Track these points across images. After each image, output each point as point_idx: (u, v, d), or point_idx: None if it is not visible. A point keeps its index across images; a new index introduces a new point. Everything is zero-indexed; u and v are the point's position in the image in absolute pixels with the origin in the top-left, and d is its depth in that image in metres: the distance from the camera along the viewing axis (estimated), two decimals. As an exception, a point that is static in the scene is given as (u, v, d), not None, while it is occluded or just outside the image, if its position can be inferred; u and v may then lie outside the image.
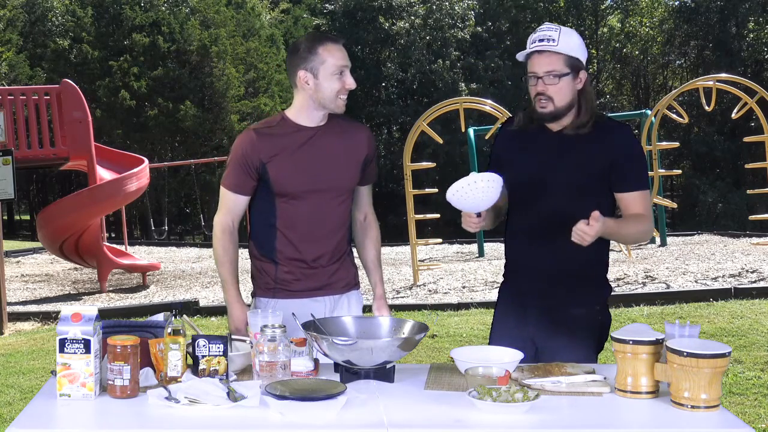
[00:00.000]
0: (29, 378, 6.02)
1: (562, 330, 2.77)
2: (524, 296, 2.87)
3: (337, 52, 2.85)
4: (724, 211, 25.14)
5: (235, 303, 2.97)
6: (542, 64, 2.72)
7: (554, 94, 2.72)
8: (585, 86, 2.78)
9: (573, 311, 2.80)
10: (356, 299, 3.10)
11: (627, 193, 2.78)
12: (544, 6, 31.79)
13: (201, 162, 20.57)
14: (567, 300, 2.80)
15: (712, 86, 10.06)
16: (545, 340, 2.77)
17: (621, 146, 2.78)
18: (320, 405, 2.17)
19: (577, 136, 2.77)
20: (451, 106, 10.64)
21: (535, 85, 2.75)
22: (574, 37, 2.76)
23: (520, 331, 2.84)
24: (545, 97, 2.73)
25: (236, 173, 2.92)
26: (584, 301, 2.83)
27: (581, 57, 2.77)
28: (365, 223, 3.15)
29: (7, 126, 10.64)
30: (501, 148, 2.95)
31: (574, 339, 2.76)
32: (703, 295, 8.08)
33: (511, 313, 2.90)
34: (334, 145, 2.94)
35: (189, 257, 14.98)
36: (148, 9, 26.80)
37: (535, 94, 2.76)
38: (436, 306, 8.18)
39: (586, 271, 2.83)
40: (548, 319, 2.80)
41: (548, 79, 2.72)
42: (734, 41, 28.83)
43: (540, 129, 2.83)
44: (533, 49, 2.74)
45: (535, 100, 2.76)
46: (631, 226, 2.78)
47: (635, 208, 2.78)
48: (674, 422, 2.11)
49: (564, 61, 2.72)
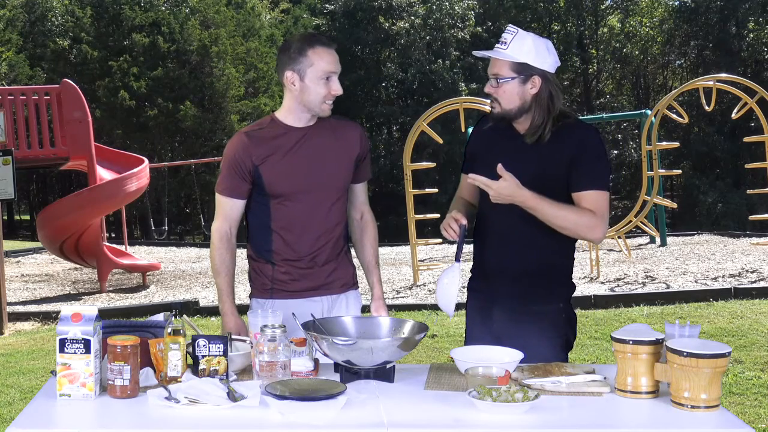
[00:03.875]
0: (29, 378, 6.02)
1: (526, 327, 2.79)
2: (489, 294, 2.92)
3: (326, 56, 2.83)
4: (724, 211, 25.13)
5: (229, 315, 2.96)
6: (491, 67, 2.80)
7: (499, 96, 2.78)
8: (540, 91, 2.76)
9: (535, 308, 2.82)
10: (355, 299, 3.09)
11: (579, 193, 2.74)
12: (544, 6, 31.78)
13: (201, 162, 20.57)
14: (530, 298, 2.83)
15: (712, 86, 10.06)
16: (510, 338, 2.76)
17: (579, 146, 2.76)
18: (320, 405, 2.17)
19: (538, 138, 2.78)
20: (451, 106, 10.63)
21: (488, 86, 2.83)
22: (528, 42, 2.74)
23: (488, 329, 2.88)
24: (492, 99, 2.81)
25: (230, 178, 2.91)
26: (547, 298, 2.85)
27: (533, 62, 2.73)
28: (362, 222, 3.15)
29: (7, 126, 10.64)
30: (474, 146, 3.00)
31: (540, 336, 2.78)
32: (703, 295, 8.09)
33: (477, 312, 2.97)
34: (326, 144, 2.93)
35: (189, 257, 14.98)
36: (148, 9, 26.79)
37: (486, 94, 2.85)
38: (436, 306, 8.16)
39: (549, 270, 2.85)
40: (512, 317, 2.83)
41: (494, 81, 2.79)
42: (734, 41, 28.82)
43: (508, 129, 2.85)
44: (489, 52, 2.80)
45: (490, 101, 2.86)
46: (568, 212, 2.69)
47: (588, 205, 2.72)
48: (674, 422, 2.11)
49: (510, 66, 2.75)
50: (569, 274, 2.92)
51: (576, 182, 2.75)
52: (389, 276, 10.72)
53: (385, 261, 12.84)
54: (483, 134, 2.96)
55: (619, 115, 22.09)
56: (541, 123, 2.77)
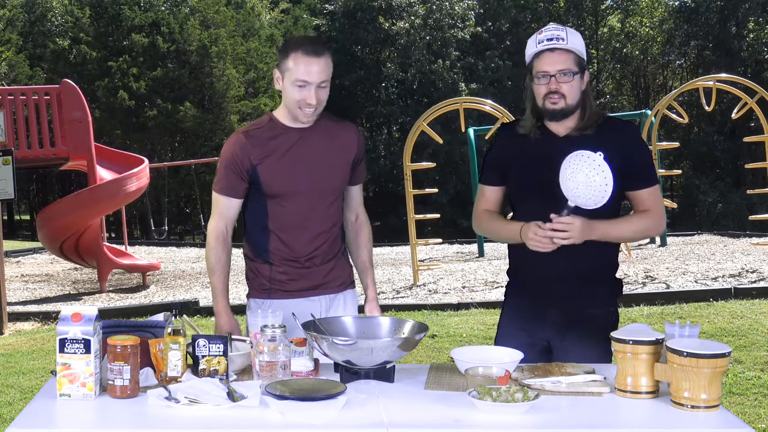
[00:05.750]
0: (29, 378, 6.02)
1: (578, 330, 2.78)
2: (537, 298, 2.85)
3: (303, 66, 2.77)
4: (724, 211, 25.14)
5: (223, 313, 2.95)
6: (555, 62, 2.72)
7: (567, 92, 2.73)
8: (587, 87, 2.81)
9: (589, 311, 2.80)
10: (352, 298, 3.10)
11: (636, 192, 2.79)
12: (544, 6, 31.78)
13: (201, 162, 20.57)
14: (583, 301, 2.80)
15: (712, 86, 10.06)
16: (562, 340, 2.78)
17: (629, 144, 2.79)
18: (320, 405, 2.17)
19: (583, 136, 2.77)
20: (451, 106, 10.64)
21: (547, 83, 2.74)
22: (579, 37, 2.79)
23: (535, 332, 2.83)
24: (558, 95, 2.73)
25: (227, 177, 2.91)
26: (600, 301, 2.84)
27: (585, 57, 2.80)
28: (357, 224, 3.14)
29: (7, 126, 10.64)
30: (503, 151, 2.92)
31: (591, 339, 2.77)
32: (703, 295, 8.08)
33: (523, 314, 2.88)
34: (323, 145, 2.93)
35: (189, 257, 14.98)
36: (148, 9, 26.79)
37: (546, 92, 2.74)
38: (436, 306, 8.18)
39: (600, 272, 2.84)
40: (565, 319, 2.80)
41: (561, 77, 2.72)
42: (734, 41, 28.83)
43: (543, 132, 2.83)
44: (543, 47, 2.74)
45: (545, 99, 2.75)
46: (631, 225, 2.78)
47: (647, 204, 2.80)
48: (674, 422, 2.11)
49: (574, 60, 2.74)
50: (615, 274, 2.91)
51: (634, 181, 2.77)
52: (389, 276, 10.72)
53: (385, 261, 12.83)
54: (513, 138, 2.88)
55: (619, 115, 22.00)
56: (595, 119, 2.78)
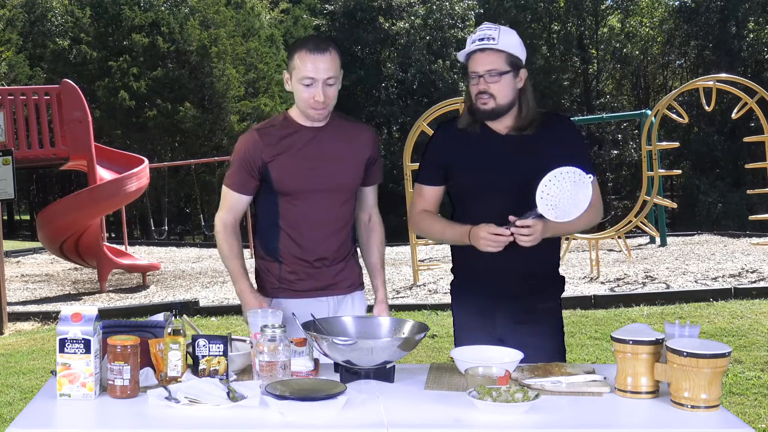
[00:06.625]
0: (29, 378, 6.02)
1: (529, 326, 2.81)
2: (487, 297, 2.86)
3: (308, 63, 2.78)
4: (724, 211, 25.14)
5: (248, 293, 2.92)
6: (484, 63, 2.74)
7: (495, 91, 2.74)
8: (525, 85, 2.80)
9: (540, 306, 2.85)
10: (360, 299, 3.09)
11: None
12: (544, 6, 31.78)
13: (201, 162, 20.57)
14: (532, 297, 2.84)
15: (712, 86, 10.06)
16: (514, 338, 2.77)
17: (564, 139, 2.81)
18: (320, 405, 2.17)
19: (523, 136, 2.79)
20: (451, 106, 10.63)
21: (477, 84, 2.76)
22: (514, 36, 2.78)
23: (488, 331, 2.84)
24: (487, 95, 2.75)
25: (239, 173, 2.93)
26: (548, 296, 2.89)
27: (521, 56, 2.78)
28: (369, 225, 3.15)
29: (7, 126, 10.64)
30: (442, 150, 2.91)
31: (543, 335, 2.82)
32: (703, 295, 8.08)
33: (474, 314, 2.90)
34: (337, 145, 2.93)
35: (189, 257, 14.98)
36: (148, 9, 26.79)
37: (476, 92, 2.77)
38: (436, 306, 8.17)
39: (546, 268, 2.89)
40: (516, 317, 2.83)
41: (489, 77, 2.74)
42: (734, 41, 28.83)
43: (483, 130, 2.83)
44: (474, 47, 2.76)
45: (477, 99, 2.77)
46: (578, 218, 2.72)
47: None
48: (674, 422, 2.11)
49: (504, 59, 2.74)
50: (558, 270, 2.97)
51: None
52: (389, 276, 10.73)
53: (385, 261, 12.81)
54: (452, 137, 2.88)
55: (619, 115, 22.10)
56: (531, 118, 2.79)
